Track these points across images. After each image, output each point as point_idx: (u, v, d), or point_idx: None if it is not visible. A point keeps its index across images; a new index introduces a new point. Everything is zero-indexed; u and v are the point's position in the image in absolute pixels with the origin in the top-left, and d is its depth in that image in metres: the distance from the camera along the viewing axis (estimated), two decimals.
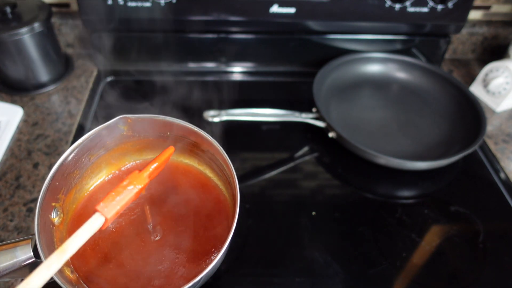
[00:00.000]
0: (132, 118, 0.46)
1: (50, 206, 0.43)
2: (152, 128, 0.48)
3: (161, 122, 0.47)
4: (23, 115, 0.76)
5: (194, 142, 0.49)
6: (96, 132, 0.45)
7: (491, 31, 0.92)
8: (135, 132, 0.48)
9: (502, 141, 0.77)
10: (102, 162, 0.50)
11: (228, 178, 0.46)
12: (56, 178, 0.43)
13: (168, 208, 0.49)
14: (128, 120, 0.46)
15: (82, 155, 0.46)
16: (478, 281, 0.56)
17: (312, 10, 0.79)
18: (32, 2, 0.78)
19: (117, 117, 0.45)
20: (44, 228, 0.41)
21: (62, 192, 0.45)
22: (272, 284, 0.55)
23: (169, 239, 0.46)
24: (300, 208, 0.64)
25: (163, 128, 0.48)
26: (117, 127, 0.47)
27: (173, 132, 0.48)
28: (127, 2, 0.76)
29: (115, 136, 0.48)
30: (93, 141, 0.46)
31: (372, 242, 0.60)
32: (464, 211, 0.65)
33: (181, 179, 0.52)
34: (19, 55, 0.76)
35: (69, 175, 0.45)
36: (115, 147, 0.49)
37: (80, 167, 0.47)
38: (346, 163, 0.71)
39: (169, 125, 0.47)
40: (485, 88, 0.84)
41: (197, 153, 0.51)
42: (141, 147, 0.51)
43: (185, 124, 0.46)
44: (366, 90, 0.84)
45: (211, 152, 0.48)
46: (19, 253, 0.40)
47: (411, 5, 0.79)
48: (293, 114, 0.74)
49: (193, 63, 0.89)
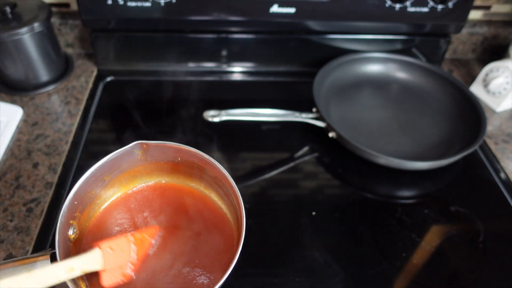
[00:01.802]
0: (147, 143, 0.49)
1: (68, 224, 0.45)
2: (165, 153, 0.51)
3: (174, 148, 0.50)
4: (23, 115, 0.76)
5: (202, 168, 0.51)
6: (114, 156, 0.48)
7: (491, 31, 0.92)
8: (148, 157, 0.51)
9: (502, 141, 0.77)
10: (116, 183, 0.52)
11: (234, 206, 0.49)
12: (75, 197, 0.45)
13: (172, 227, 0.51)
14: (144, 146, 0.49)
15: (98, 176, 0.49)
16: (478, 281, 0.56)
17: (312, 10, 0.79)
18: (32, 2, 0.78)
19: (134, 142, 0.48)
20: (63, 245, 0.43)
21: (79, 210, 0.47)
22: (272, 284, 0.54)
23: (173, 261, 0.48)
24: (300, 208, 0.64)
25: (175, 154, 0.51)
26: (133, 151, 0.50)
27: (183, 158, 0.51)
28: (127, 2, 0.76)
29: (130, 160, 0.51)
30: (110, 163, 0.49)
31: (372, 242, 0.60)
32: (464, 211, 0.65)
33: (187, 201, 0.54)
34: (19, 55, 0.76)
35: (86, 194, 0.48)
36: (129, 169, 0.52)
37: (95, 187, 0.49)
38: (346, 163, 0.71)
39: (181, 151, 0.50)
40: (485, 88, 0.84)
41: (204, 178, 0.53)
42: (152, 170, 0.54)
43: (196, 151, 0.49)
44: (366, 90, 0.84)
45: (218, 179, 0.50)
46: (39, 267, 0.41)
47: (411, 5, 0.79)
48: (293, 114, 0.74)
49: (193, 63, 0.89)
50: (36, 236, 0.58)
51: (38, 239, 0.58)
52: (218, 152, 0.71)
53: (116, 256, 0.42)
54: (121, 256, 0.43)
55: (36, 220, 0.60)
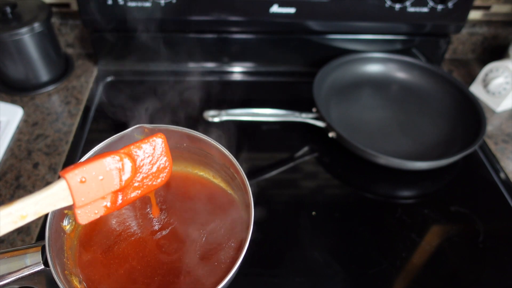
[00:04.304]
0: (148, 127, 0.46)
1: (62, 214, 0.43)
2: (169, 139, 0.48)
3: (177, 133, 0.47)
4: (23, 115, 0.76)
5: (209, 155, 0.49)
6: (112, 140, 0.45)
7: (491, 31, 0.92)
8: None
9: (502, 141, 0.77)
10: None
11: (241, 191, 0.46)
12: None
13: (180, 217, 0.49)
14: (145, 130, 0.46)
15: None
16: (478, 281, 0.56)
17: (312, 10, 0.79)
18: (32, 2, 0.78)
19: (134, 126, 0.45)
20: (56, 236, 0.41)
21: None
22: (272, 284, 0.55)
23: (181, 251, 0.46)
24: (300, 208, 0.64)
25: (179, 139, 0.48)
26: (134, 136, 0.46)
27: (189, 144, 0.48)
28: (127, 2, 0.76)
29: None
30: (108, 148, 0.46)
31: (372, 242, 0.60)
32: (464, 211, 0.65)
33: (195, 190, 0.51)
34: (19, 55, 0.76)
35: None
36: None
37: None
38: (346, 163, 0.71)
39: (185, 136, 0.47)
40: (485, 88, 0.84)
41: (212, 165, 0.50)
42: None
43: (201, 135, 0.46)
44: (366, 90, 0.84)
45: (226, 165, 0.48)
46: (28, 260, 0.39)
47: (411, 5, 0.79)
48: (293, 114, 0.74)
49: (193, 63, 0.89)
50: (37, 236, 0.58)
51: (38, 238, 0.58)
52: None
53: (90, 186, 0.34)
54: (97, 185, 0.34)
55: (36, 220, 0.60)
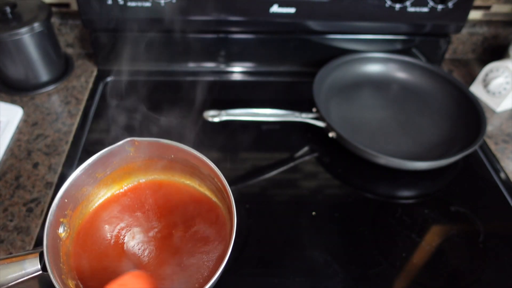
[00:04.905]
0: (139, 141, 0.49)
1: (58, 222, 0.45)
2: (157, 150, 0.51)
3: (166, 146, 0.49)
4: (23, 115, 0.76)
5: (195, 165, 0.51)
6: (105, 153, 0.48)
7: (491, 31, 0.92)
8: (141, 153, 0.51)
9: (502, 141, 0.77)
10: (108, 180, 0.52)
11: (226, 201, 0.48)
12: (65, 196, 0.45)
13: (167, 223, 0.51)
14: (135, 143, 0.49)
15: (90, 173, 0.48)
16: (478, 281, 0.56)
17: (312, 10, 0.79)
18: (32, 2, 0.78)
19: (125, 139, 0.48)
20: (52, 243, 0.43)
21: (70, 208, 0.47)
22: (272, 284, 0.55)
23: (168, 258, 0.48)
24: (300, 208, 0.64)
25: (168, 151, 0.51)
26: (125, 148, 0.49)
27: (176, 155, 0.51)
28: (127, 2, 0.76)
29: (122, 157, 0.50)
30: (101, 160, 0.48)
31: (372, 242, 0.60)
32: (464, 211, 0.65)
33: (182, 199, 0.54)
34: (19, 55, 0.76)
35: (77, 192, 0.48)
36: (122, 166, 0.52)
37: (87, 184, 0.49)
38: (346, 163, 0.71)
39: (173, 149, 0.50)
40: (485, 88, 0.84)
41: (198, 175, 0.53)
42: (146, 167, 0.53)
43: (188, 149, 0.49)
44: (366, 90, 0.84)
45: (211, 176, 0.50)
46: (27, 265, 0.41)
47: (411, 5, 0.79)
48: (293, 114, 0.74)
49: (193, 63, 0.89)
50: (36, 236, 0.58)
51: (38, 239, 0.58)
52: (218, 152, 0.71)
53: None
54: None
55: (36, 220, 0.60)
